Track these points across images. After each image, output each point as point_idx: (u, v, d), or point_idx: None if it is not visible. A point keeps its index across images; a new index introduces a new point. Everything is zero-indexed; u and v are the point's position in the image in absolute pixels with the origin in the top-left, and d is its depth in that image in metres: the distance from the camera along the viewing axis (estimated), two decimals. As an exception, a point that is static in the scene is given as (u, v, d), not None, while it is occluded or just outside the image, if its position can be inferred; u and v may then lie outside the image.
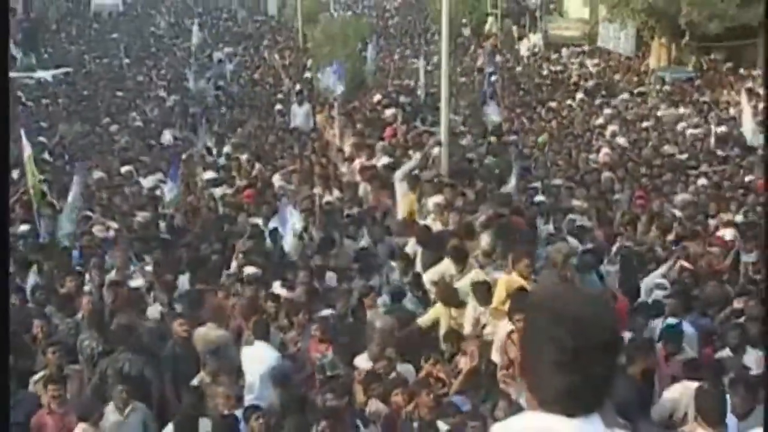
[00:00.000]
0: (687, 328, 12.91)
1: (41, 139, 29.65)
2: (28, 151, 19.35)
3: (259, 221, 18.78)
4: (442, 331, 13.26)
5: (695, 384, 10.40)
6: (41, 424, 10.92)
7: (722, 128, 30.00)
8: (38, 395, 11.28)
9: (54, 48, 54.62)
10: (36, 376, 11.47)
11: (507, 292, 12.74)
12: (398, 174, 20.83)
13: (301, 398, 11.17)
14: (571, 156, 28.31)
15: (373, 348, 12.01)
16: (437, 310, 13.61)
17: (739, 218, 20.10)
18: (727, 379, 10.85)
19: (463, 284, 13.69)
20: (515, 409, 10.20)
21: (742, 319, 13.47)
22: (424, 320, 13.53)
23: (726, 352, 12.38)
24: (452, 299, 13.43)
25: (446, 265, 14.50)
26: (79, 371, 11.78)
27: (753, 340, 12.41)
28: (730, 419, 9.87)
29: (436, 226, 17.16)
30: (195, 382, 11.79)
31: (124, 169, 25.60)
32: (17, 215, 20.12)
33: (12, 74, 43.51)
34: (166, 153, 27.89)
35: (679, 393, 10.83)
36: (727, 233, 18.70)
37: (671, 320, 12.97)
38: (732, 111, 32.98)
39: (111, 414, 11.02)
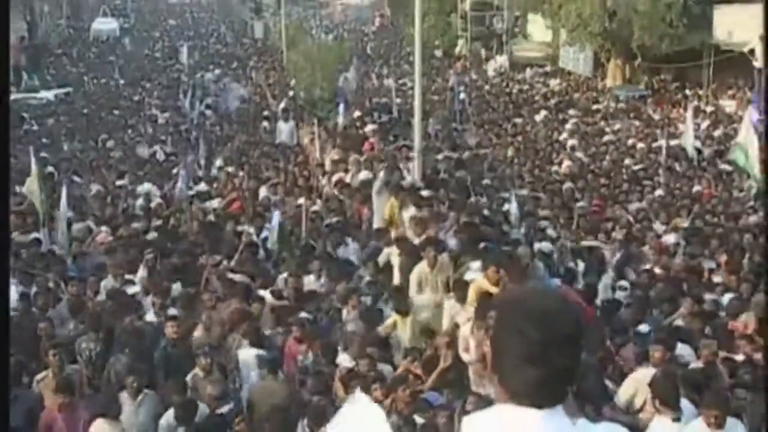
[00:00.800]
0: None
1: (43, 154, 29.60)
2: (35, 168, 19.31)
3: (248, 229, 18.71)
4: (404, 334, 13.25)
5: (651, 371, 10.53)
6: (49, 422, 10.82)
7: (672, 142, 30.15)
8: (41, 394, 11.16)
9: (56, 70, 54.52)
10: (39, 376, 11.35)
11: (475, 294, 12.71)
12: (376, 186, 20.84)
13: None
14: (536, 168, 28.38)
15: (354, 348, 11.95)
16: (394, 317, 13.63)
17: (685, 224, 20.32)
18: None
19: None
20: (486, 403, 10.24)
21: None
22: (385, 326, 13.50)
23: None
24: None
25: (422, 267, 14.47)
26: (78, 371, 11.64)
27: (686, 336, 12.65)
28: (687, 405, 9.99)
29: (410, 234, 17.12)
30: (188, 378, 11.75)
31: (119, 182, 25.54)
32: (20, 225, 20.18)
33: (17, 95, 43.53)
34: (158, 167, 27.90)
35: (637, 381, 10.86)
36: (671, 238, 18.81)
37: (643, 328, 13.02)
38: (681, 126, 33.10)
39: (126, 403, 11.01)
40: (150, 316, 14.07)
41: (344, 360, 11.82)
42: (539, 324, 2.86)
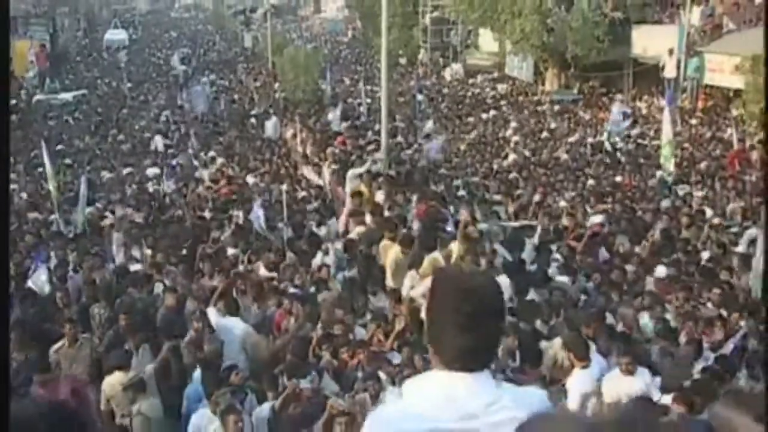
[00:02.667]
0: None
1: (61, 147, 29.41)
2: (47, 160, 19.19)
3: (238, 213, 18.60)
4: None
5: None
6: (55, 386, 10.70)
7: (598, 139, 30.33)
8: (57, 361, 11.03)
9: (74, 74, 54.24)
10: (56, 346, 11.17)
11: (432, 266, 12.86)
12: (350, 174, 20.78)
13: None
14: (485, 160, 28.40)
15: (325, 316, 11.89)
16: None
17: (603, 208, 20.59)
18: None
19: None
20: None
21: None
22: None
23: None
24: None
25: (396, 249, 14.41)
26: (88, 339, 11.48)
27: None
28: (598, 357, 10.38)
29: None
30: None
31: (125, 171, 25.47)
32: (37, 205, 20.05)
33: (40, 96, 43.26)
34: (160, 158, 27.84)
35: (556, 343, 11.05)
36: (597, 218, 18.92)
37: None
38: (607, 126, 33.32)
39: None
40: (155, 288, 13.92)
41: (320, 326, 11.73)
42: (467, 298, 2.87)
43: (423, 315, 11.88)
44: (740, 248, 16.25)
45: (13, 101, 41.35)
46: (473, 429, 2.78)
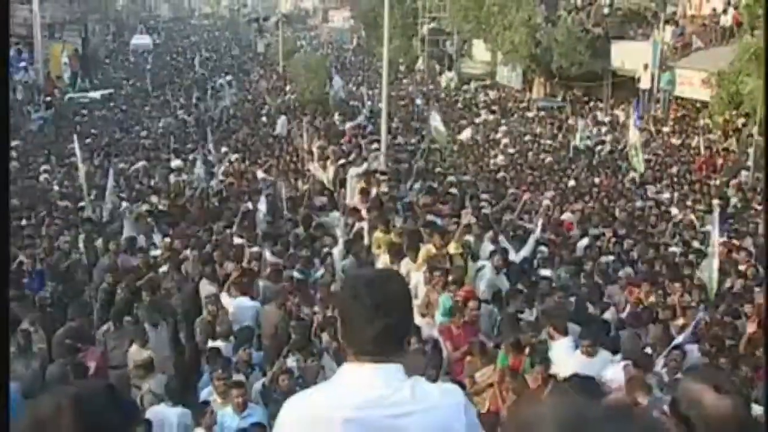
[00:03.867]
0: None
1: (89, 140, 29.44)
2: (78, 153, 19.23)
3: (247, 204, 18.60)
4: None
5: None
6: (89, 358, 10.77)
7: (587, 142, 30.38)
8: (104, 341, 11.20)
9: (102, 75, 54.30)
10: (104, 327, 11.34)
11: (426, 256, 13.17)
12: (352, 171, 20.78)
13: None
14: (477, 160, 28.40)
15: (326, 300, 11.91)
16: None
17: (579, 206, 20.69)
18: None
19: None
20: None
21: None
22: None
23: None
24: None
25: (377, 234, 14.88)
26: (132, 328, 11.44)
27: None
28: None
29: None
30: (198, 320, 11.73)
31: (144, 163, 25.49)
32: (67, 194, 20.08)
33: (72, 94, 43.31)
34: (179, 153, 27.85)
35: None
36: (568, 215, 19.24)
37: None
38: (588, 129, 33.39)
39: (149, 331, 11.12)
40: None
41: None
42: (371, 291, 2.86)
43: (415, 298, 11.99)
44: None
45: (48, 98, 41.38)
46: (368, 417, 2.75)
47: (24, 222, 18.04)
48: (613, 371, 9.19)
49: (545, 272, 13.51)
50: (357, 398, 2.77)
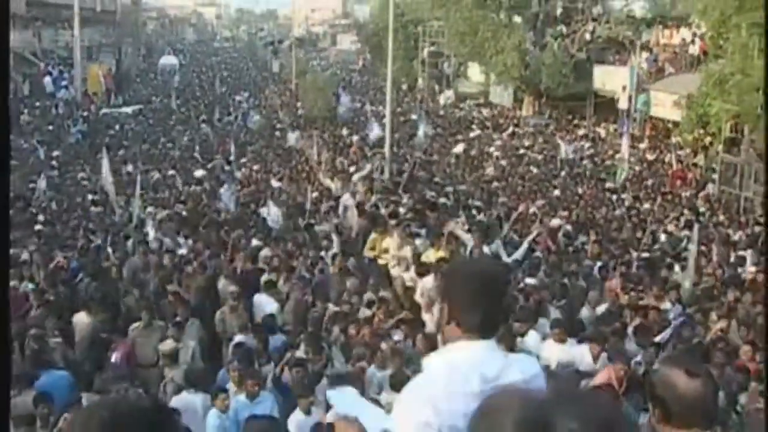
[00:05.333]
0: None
1: (120, 152, 29.49)
2: (106, 162, 19.28)
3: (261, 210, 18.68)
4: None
5: None
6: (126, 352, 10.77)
7: (568, 157, 30.41)
8: (133, 337, 11.08)
9: (134, 92, 54.23)
10: (134, 325, 11.18)
11: (433, 259, 13.23)
12: (355, 177, 20.86)
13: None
14: (471, 171, 28.40)
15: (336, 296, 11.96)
16: None
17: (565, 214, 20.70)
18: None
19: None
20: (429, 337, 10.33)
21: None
22: None
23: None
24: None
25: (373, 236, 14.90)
26: (161, 327, 11.18)
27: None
28: None
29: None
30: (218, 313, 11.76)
31: (171, 172, 25.52)
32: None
33: (106, 110, 43.52)
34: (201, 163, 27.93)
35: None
36: (555, 221, 19.14)
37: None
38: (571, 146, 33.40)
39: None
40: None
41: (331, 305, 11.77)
42: (479, 279, 2.94)
43: (418, 298, 12.06)
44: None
45: (85, 113, 41.51)
46: (491, 390, 2.74)
47: (61, 226, 18.12)
48: (580, 351, 9.27)
49: (530, 280, 13.31)
50: (483, 375, 2.80)
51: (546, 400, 1.24)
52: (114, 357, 10.53)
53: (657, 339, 10.49)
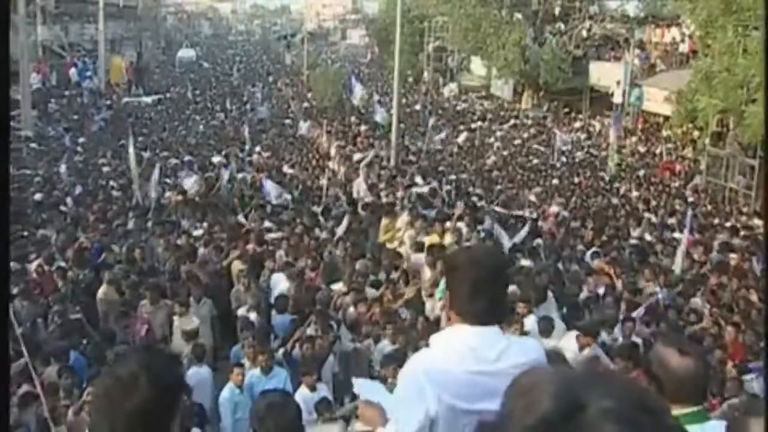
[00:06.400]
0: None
1: (140, 139, 29.49)
2: (131, 150, 19.26)
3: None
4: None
5: None
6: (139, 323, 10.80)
7: (563, 148, 30.36)
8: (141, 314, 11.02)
9: (153, 83, 54.21)
10: (142, 302, 11.06)
11: (429, 243, 13.15)
12: (362, 164, 20.88)
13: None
14: (473, 160, 28.38)
15: (344, 278, 11.91)
16: None
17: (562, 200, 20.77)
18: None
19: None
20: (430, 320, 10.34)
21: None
22: None
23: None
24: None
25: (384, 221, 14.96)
26: (168, 305, 11.06)
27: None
28: None
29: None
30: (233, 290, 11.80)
31: (186, 158, 25.44)
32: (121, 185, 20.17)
33: (128, 99, 43.64)
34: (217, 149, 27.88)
35: None
36: (554, 208, 19.17)
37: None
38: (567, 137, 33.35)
39: (192, 304, 11.02)
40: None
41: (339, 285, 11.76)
42: (480, 267, 2.84)
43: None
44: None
45: (108, 102, 41.57)
46: (489, 372, 2.73)
47: (84, 208, 18.12)
48: (566, 340, 9.25)
49: (525, 262, 13.29)
50: (479, 356, 2.77)
51: (580, 379, 1.22)
52: (139, 331, 10.57)
53: (633, 314, 10.53)
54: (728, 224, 18.63)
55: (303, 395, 8.22)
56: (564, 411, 1.16)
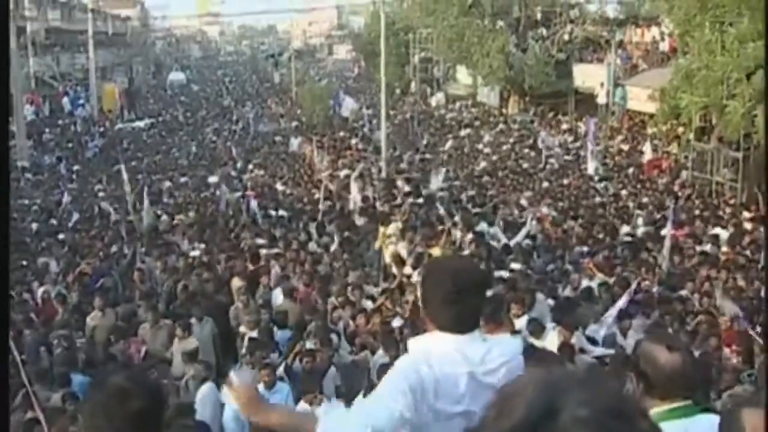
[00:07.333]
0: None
1: (134, 163, 29.49)
2: (125, 174, 19.26)
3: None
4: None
5: None
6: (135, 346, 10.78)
7: (547, 150, 30.45)
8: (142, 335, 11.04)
9: (145, 107, 54.30)
10: (143, 325, 11.14)
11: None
12: (353, 176, 20.90)
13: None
14: (463, 167, 28.36)
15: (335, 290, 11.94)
16: None
17: (561, 204, 20.66)
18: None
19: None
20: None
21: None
22: None
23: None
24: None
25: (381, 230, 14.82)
26: (168, 325, 11.09)
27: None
28: None
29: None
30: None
31: (182, 180, 25.47)
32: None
33: (120, 125, 43.72)
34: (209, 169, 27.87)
35: None
36: (544, 210, 19.22)
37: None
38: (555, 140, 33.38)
39: (195, 325, 10.94)
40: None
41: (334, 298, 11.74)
42: (453, 277, 2.84)
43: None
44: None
45: (101, 129, 41.58)
46: (478, 373, 2.76)
47: (82, 235, 18.11)
48: (549, 337, 9.24)
49: (516, 266, 13.11)
50: (467, 359, 2.78)
51: (557, 385, 1.21)
52: (133, 352, 10.54)
53: (618, 305, 10.45)
54: (715, 216, 18.75)
55: (304, 409, 8.19)
56: (536, 418, 1.16)
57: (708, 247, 14.95)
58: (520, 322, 9.69)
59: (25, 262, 15.68)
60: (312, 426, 2.66)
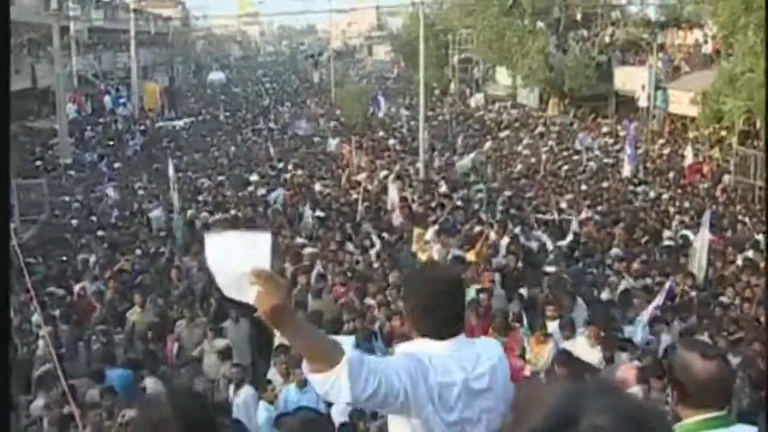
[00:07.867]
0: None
1: (174, 161, 29.77)
2: (172, 173, 19.42)
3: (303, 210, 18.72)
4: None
5: None
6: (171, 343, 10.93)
7: (586, 150, 30.20)
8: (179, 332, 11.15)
9: (185, 106, 54.85)
10: (179, 322, 11.28)
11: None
12: (390, 178, 20.91)
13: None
14: (501, 169, 28.19)
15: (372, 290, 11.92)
16: None
17: (600, 207, 20.42)
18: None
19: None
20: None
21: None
22: None
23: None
24: None
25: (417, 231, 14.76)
26: (203, 323, 11.24)
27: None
28: None
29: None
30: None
31: (219, 178, 25.67)
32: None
33: (161, 123, 44.25)
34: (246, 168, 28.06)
35: None
36: (584, 213, 18.98)
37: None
38: (595, 143, 33.07)
39: (230, 327, 11.05)
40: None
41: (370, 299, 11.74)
42: (432, 285, 2.90)
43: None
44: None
45: (142, 128, 42.11)
46: (470, 379, 2.80)
47: (121, 232, 18.33)
48: (579, 339, 9.15)
49: (550, 269, 12.98)
50: (461, 364, 2.82)
51: (577, 393, 1.21)
52: (171, 349, 10.67)
53: (652, 306, 10.29)
54: (758, 221, 18.43)
55: (337, 408, 8.23)
56: (555, 424, 1.16)
57: (750, 253, 14.70)
58: (552, 325, 9.65)
59: (65, 258, 15.95)
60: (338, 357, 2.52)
